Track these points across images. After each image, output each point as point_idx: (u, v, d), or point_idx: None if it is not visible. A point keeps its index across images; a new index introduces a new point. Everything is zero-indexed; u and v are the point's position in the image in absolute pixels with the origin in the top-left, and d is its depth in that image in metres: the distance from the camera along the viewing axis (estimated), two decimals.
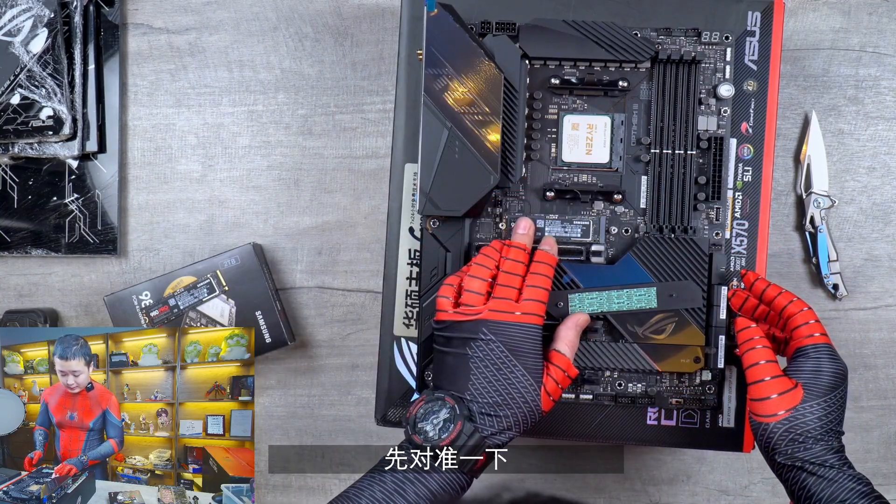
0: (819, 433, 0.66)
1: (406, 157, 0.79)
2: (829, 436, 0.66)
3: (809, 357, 0.68)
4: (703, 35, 0.78)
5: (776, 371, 0.67)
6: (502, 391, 0.66)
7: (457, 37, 0.73)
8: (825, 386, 0.67)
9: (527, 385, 0.66)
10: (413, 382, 0.79)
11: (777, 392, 0.66)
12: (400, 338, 0.80)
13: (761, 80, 0.78)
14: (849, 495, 0.64)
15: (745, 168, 0.78)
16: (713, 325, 0.76)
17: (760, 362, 0.68)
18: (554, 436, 0.79)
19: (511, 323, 0.67)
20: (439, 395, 0.66)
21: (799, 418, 0.66)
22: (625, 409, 0.78)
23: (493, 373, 0.66)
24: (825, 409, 0.66)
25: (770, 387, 0.67)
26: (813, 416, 0.66)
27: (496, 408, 0.66)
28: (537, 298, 0.68)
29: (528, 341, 0.67)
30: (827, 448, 0.66)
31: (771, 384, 0.67)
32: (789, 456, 0.66)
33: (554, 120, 0.79)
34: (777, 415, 0.66)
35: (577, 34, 0.76)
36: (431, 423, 0.65)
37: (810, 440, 0.66)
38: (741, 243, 0.78)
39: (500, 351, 0.66)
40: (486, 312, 0.67)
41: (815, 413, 0.66)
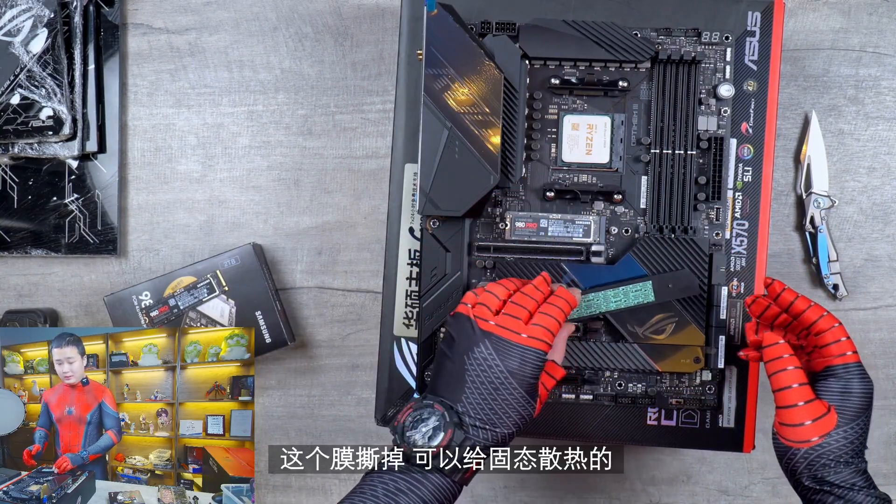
0: (849, 457, 0.65)
1: (406, 157, 0.79)
2: (857, 458, 0.65)
3: (840, 378, 0.66)
4: (703, 35, 0.78)
5: (809, 395, 0.65)
6: (497, 409, 0.65)
7: (457, 37, 0.73)
8: (856, 409, 0.65)
9: (524, 405, 0.65)
10: (413, 382, 0.79)
11: (811, 419, 0.64)
12: (400, 338, 0.80)
13: (761, 81, 0.78)
14: None
15: (745, 168, 0.78)
16: (713, 325, 0.76)
17: (793, 386, 0.65)
18: (554, 436, 0.79)
19: (515, 344, 0.65)
20: (428, 403, 0.65)
21: (832, 444, 0.64)
22: (625, 409, 0.78)
23: (489, 391, 0.65)
24: (857, 432, 0.65)
25: (803, 413, 0.65)
26: (846, 441, 0.64)
27: (489, 423, 0.65)
28: (547, 326, 0.66)
29: (528, 366, 0.65)
30: (856, 471, 0.65)
31: (804, 410, 0.65)
32: (818, 480, 0.65)
33: (554, 120, 0.79)
34: (810, 441, 0.65)
35: (577, 34, 0.76)
36: (420, 431, 0.64)
37: (841, 464, 0.64)
38: (741, 243, 0.78)
39: (500, 371, 0.65)
40: (494, 326, 0.65)
41: (848, 437, 0.65)
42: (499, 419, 0.65)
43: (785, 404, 0.65)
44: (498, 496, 0.93)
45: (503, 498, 0.93)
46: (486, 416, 0.65)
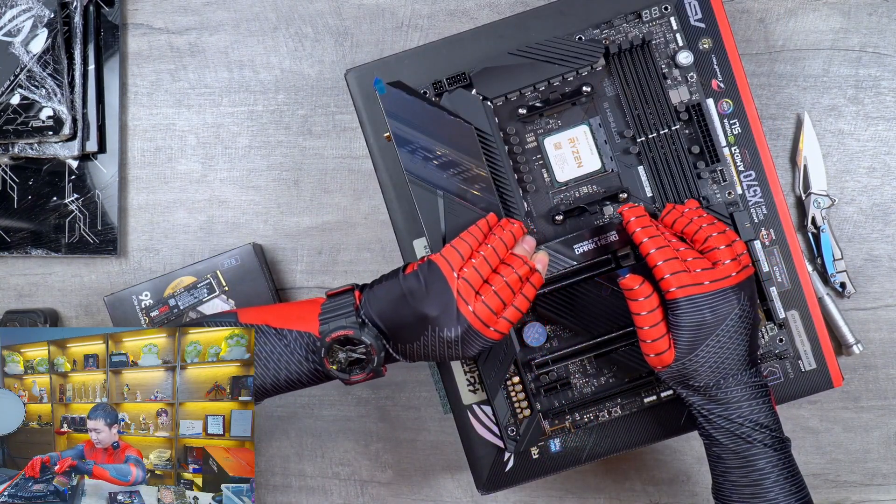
0: (698, 383, 0.70)
1: (411, 234, 0.80)
2: (720, 383, 0.69)
3: (673, 312, 0.69)
4: (643, 14, 0.78)
5: (660, 332, 0.69)
6: (439, 358, 0.71)
7: (416, 107, 0.74)
8: (689, 341, 0.68)
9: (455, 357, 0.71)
10: (499, 442, 0.80)
11: (654, 353, 0.70)
12: (472, 405, 0.80)
13: (713, 34, 0.78)
14: None
15: (731, 121, 0.79)
16: (762, 279, 0.77)
17: (644, 328, 0.70)
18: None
19: (482, 336, 0.69)
20: (367, 342, 0.69)
21: (674, 373, 0.70)
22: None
23: (433, 351, 0.69)
24: (700, 361, 0.68)
25: (647, 348, 0.70)
26: (688, 370, 0.69)
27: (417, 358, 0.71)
28: (513, 320, 0.70)
29: (478, 350, 0.70)
30: (708, 398, 0.70)
31: (648, 346, 0.70)
32: (684, 391, 0.71)
33: (535, 147, 0.79)
34: (657, 368, 0.71)
35: (526, 60, 0.77)
36: (347, 353, 0.70)
37: (691, 388, 0.70)
38: (755, 193, 0.79)
39: (454, 352, 0.69)
40: (472, 315, 0.68)
41: (688, 368, 0.69)
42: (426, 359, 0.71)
43: (642, 338, 0.70)
44: (498, 496, 0.93)
45: (503, 498, 0.93)
46: (415, 357, 0.71)
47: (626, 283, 0.70)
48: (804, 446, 0.90)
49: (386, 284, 0.71)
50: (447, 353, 0.69)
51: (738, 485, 0.69)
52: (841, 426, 0.90)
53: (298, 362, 0.72)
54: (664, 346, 0.69)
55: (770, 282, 0.78)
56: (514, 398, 0.78)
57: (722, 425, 0.69)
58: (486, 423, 0.80)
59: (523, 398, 0.78)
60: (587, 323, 0.78)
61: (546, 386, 0.79)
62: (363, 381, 0.71)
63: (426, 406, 0.93)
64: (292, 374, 0.72)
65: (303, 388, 0.74)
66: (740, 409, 0.68)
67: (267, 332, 0.72)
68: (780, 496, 0.67)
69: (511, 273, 0.70)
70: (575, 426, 0.80)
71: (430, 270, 0.69)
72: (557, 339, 0.80)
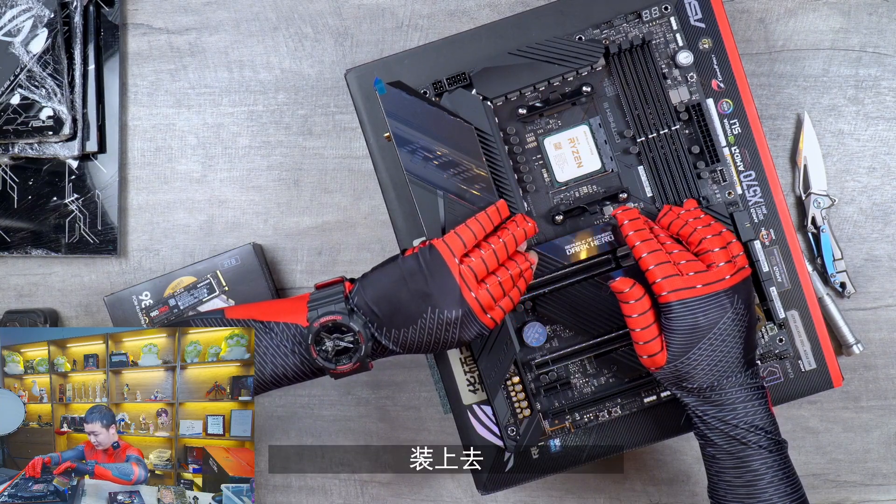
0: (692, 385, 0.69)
1: (412, 234, 0.80)
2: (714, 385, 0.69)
3: (665, 317, 0.69)
4: (643, 14, 0.78)
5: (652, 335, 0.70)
6: (420, 346, 0.70)
7: (416, 107, 0.74)
8: (680, 345, 0.68)
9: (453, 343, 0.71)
10: (500, 442, 0.80)
11: (647, 354, 0.70)
12: (472, 405, 0.80)
13: (713, 34, 0.78)
14: None
15: (731, 121, 0.79)
16: (761, 279, 0.77)
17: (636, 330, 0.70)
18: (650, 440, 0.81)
19: (479, 321, 0.69)
20: (355, 328, 0.69)
21: (667, 374, 0.70)
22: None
23: (429, 334, 0.69)
24: (692, 364, 0.68)
25: (641, 349, 0.70)
26: (681, 373, 0.69)
27: (403, 347, 0.70)
28: (507, 309, 0.71)
29: (474, 335, 0.71)
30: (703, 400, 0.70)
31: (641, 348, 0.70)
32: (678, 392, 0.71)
33: (535, 147, 0.79)
34: (651, 370, 0.71)
35: (526, 60, 0.77)
36: (335, 342, 0.70)
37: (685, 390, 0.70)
38: (755, 193, 0.79)
39: (452, 336, 0.69)
40: (474, 300, 0.69)
41: (681, 370, 0.69)
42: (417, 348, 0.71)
43: (634, 339, 0.70)
44: (498, 496, 0.93)
45: (503, 498, 0.93)
46: (407, 346, 0.70)
47: (617, 285, 0.70)
48: (804, 446, 0.90)
49: (383, 269, 0.71)
50: (443, 337, 0.69)
51: (732, 485, 0.69)
52: (841, 426, 0.90)
53: (285, 355, 0.71)
54: (657, 348, 0.69)
55: (770, 282, 0.78)
56: (514, 398, 0.78)
57: (717, 427, 0.69)
58: (486, 423, 0.80)
59: (523, 398, 0.78)
60: (587, 323, 0.78)
61: (546, 386, 0.79)
62: (349, 372, 0.71)
63: (426, 406, 0.93)
64: (278, 368, 0.72)
65: (289, 383, 0.74)
66: (735, 411, 0.68)
67: (253, 327, 0.72)
68: (776, 497, 0.67)
69: (515, 268, 0.71)
70: (575, 426, 0.80)
71: (431, 254, 0.69)
72: (557, 339, 0.80)
